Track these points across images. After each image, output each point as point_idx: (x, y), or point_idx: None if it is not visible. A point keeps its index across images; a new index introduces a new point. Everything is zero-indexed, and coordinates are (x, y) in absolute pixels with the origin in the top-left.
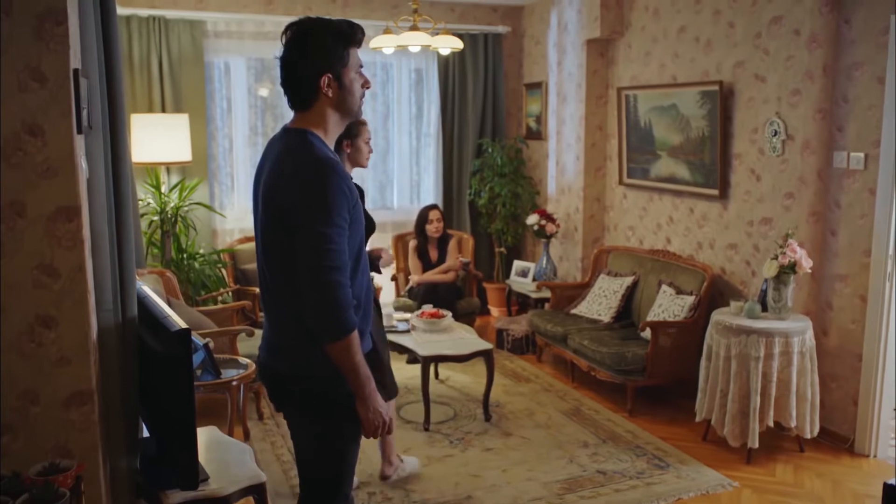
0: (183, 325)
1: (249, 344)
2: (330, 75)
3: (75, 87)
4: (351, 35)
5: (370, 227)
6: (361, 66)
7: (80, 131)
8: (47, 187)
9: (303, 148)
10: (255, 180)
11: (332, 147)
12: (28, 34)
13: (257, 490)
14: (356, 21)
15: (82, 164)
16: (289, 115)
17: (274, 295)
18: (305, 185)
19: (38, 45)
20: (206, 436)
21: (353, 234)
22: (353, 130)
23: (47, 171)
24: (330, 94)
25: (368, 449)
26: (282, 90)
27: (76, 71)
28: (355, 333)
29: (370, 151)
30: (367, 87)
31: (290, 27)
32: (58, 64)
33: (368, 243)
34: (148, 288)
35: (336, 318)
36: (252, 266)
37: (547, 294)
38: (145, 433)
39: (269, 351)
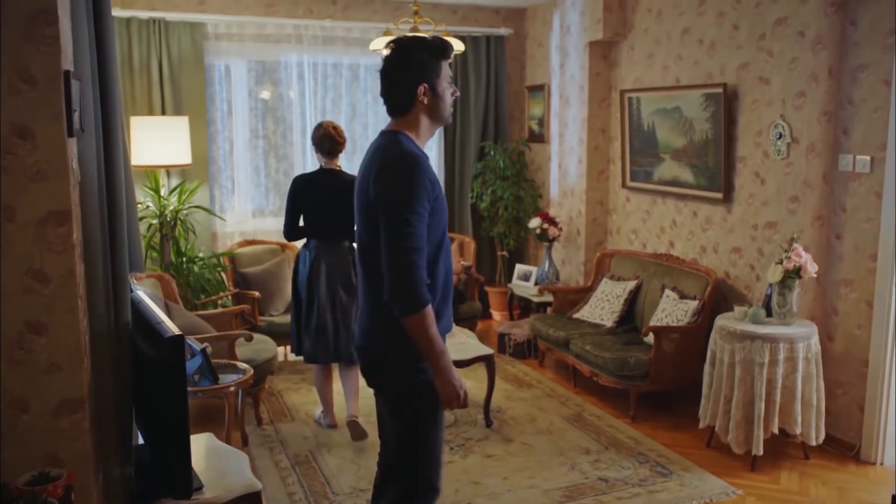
0: (176, 331)
1: (248, 349)
2: (426, 85)
3: (66, 89)
4: (443, 50)
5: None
6: (451, 78)
7: (71, 134)
8: (38, 191)
9: (393, 145)
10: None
11: (423, 147)
12: (17, 35)
13: (252, 499)
14: (359, 24)
15: (74, 167)
16: (289, 118)
17: (364, 281)
18: (392, 176)
19: (28, 47)
20: (201, 443)
21: (434, 223)
22: None
23: (37, 175)
24: (425, 102)
25: (367, 455)
26: (283, 94)
27: (67, 72)
28: (429, 308)
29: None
30: (456, 96)
31: (390, 44)
32: (48, 65)
33: None
34: (143, 292)
35: (412, 294)
36: (251, 269)
37: (549, 298)
38: (141, 440)
39: (360, 332)
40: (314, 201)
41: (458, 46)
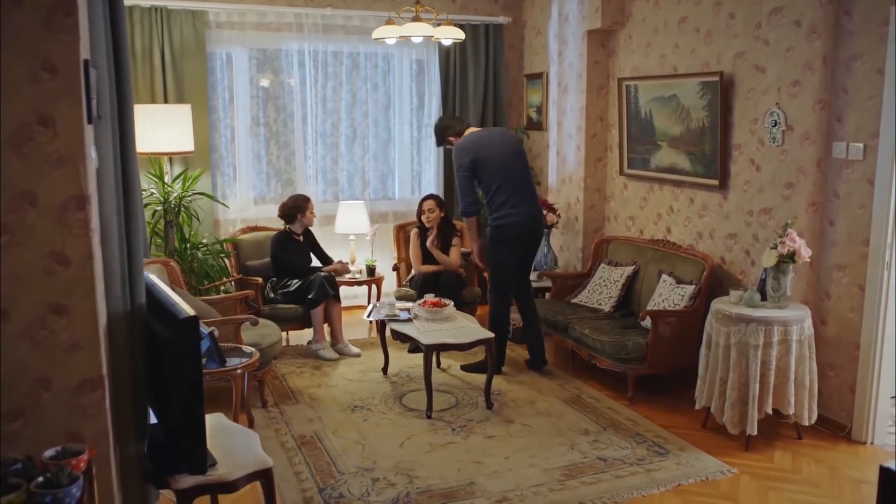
0: (191, 312)
1: (253, 333)
2: None
3: (85, 78)
4: None
5: None
6: None
7: (90, 121)
8: (58, 177)
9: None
10: (487, 153)
11: None
12: (38, 25)
13: (264, 475)
14: (360, 12)
15: (92, 153)
16: (290, 106)
17: (528, 187)
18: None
19: (49, 36)
20: (212, 422)
21: None
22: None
23: (58, 161)
24: None
25: (371, 436)
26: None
27: (86, 61)
28: None
29: (313, 217)
30: None
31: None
32: (68, 55)
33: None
34: (155, 276)
35: None
36: (254, 262)
37: (548, 283)
38: (153, 420)
39: (537, 212)
40: None
41: (457, 35)
